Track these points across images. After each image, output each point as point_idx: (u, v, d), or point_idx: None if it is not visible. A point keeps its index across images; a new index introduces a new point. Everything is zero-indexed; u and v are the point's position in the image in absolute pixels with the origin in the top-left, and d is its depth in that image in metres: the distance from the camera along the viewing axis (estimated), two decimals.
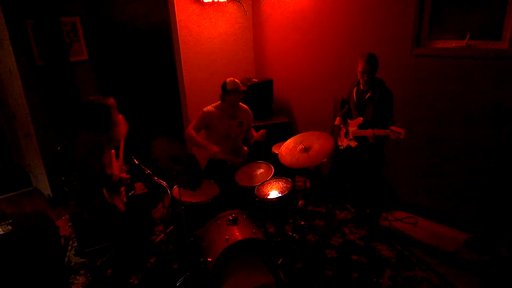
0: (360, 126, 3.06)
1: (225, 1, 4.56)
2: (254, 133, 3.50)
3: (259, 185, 2.99)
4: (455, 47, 3.19)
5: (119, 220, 2.59)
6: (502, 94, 2.96)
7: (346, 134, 3.23)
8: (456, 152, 3.33)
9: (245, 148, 3.62)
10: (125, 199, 2.62)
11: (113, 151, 2.56)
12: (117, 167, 2.55)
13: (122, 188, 2.64)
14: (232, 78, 3.28)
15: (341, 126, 3.28)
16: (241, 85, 3.29)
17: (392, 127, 2.81)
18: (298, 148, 2.95)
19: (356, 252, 3.21)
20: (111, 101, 2.46)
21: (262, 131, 3.38)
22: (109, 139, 2.44)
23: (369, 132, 2.94)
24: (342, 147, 3.28)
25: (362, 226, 3.55)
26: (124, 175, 2.55)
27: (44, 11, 3.40)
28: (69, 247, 3.42)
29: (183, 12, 4.31)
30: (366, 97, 3.06)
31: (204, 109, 3.34)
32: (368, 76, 2.98)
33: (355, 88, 3.17)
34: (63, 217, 3.90)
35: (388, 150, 3.22)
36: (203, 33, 4.55)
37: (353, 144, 3.13)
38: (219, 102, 3.34)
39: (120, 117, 2.52)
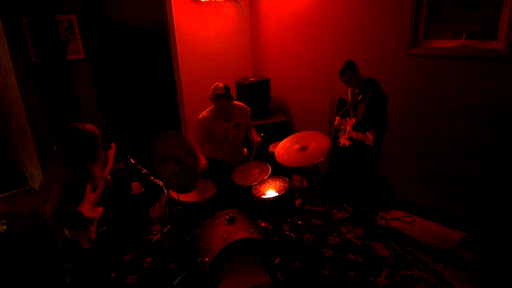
0: (353, 127, 3.08)
1: (222, 0, 4.55)
2: (255, 137, 3.42)
3: (256, 185, 2.99)
4: (451, 46, 3.20)
5: (81, 258, 2.37)
6: (498, 93, 2.98)
7: (344, 132, 3.24)
8: (452, 151, 3.34)
9: (245, 149, 3.61)
10: (93, 235, 2.38)
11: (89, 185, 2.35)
12: (90, 200, 2.36)
13: (94, 217, 2.41)
14: (215, 84, 3.22)
15: (340, 125, 3.29)
16: (217, 91, 3.18)
17: (368, 133, 2.82)
18: (294, 147, 2.96)
19: (353, 251, 3.21)
20: (97, 131, 2.32)
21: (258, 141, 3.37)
22: (86, 171, 2.26)
23: (354, 135, 2.99)
24: (341, 144, 3.30)
25: (359, 225, 3.56)
26: (93, 214, 2.34)
27: (41, 9, 3.38)
28: None
29: (180, 11, 4.30)
30: (358, 98, 3.07)
31: (200, 116, 3.33)
32: (349, 82, 3.05)
33: (350, 89, 3.19)
34: None
35: (385, 149, 3.23)
36: (200, 32, 4.54)
37: (347, 143, 3.15)
38: (213, 105, 3.33)
39: (101, 153, 2.38)
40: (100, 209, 2.44)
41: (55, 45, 3.52)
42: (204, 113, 3.34)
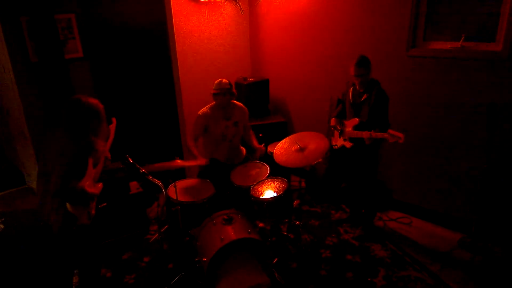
0: (356, 127, 3.06)
1: (221, 0, 4.55)
2: (255, 143, 3.44)
3: (255, 185, 2.99)
4: (450, 48, 3.21)
5: (81, 235, 2.33)
6: (496, 95, 2.99)
7: (341, 134, 3.23)
8: (450, 152, 3.35)
9: (243, 148, 3.61)
10: (93, 211, 2.35)
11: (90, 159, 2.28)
12: (91, 175, 2.29)
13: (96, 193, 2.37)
14: (219, 80, 3.23)
15: (337, 126, 3.28)
16: (225, 85, 3.19)
17: (391, 131, 2.80)
18: (293, 148, 2.96)
19: (351, 252, 3.22)
20: (101, 105, 2.28)
21: (262, 146, 3.38)
22: (89, 147, 2.20)
23: (365, 134, 2.95)
24: (336, 146, 3.29)
25: (356, 226, 3.56)
26: (94, 190, 2.29)
27: (39, 7, 3.37)
28: None
29: (179, 10, 4.30)
30: (363, 98, 3.06)
31: (199, 112, 3.32)
32: (362, 78, 2.99)
33: (351, 88, 3.18)
34: None
35: (383, 150, 3.24)
36: (200, 32, 4.54)
37: (348, 144, 3.15)
38: (214, 102, 3.33)
39: (104, 128, 2.35)
40: (100, 185, 2.40)
41: (53, 44, 3.51)
42: (203, 109, 3.33)
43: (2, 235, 2.58)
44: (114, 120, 2.67)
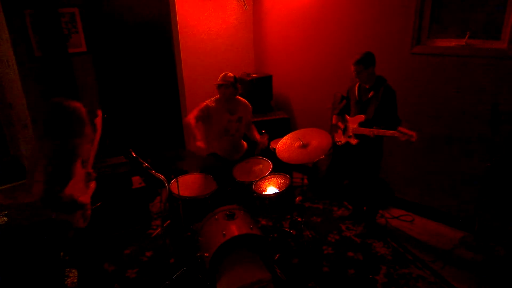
0: (361, 124, 3.05)
1: None
2: (257, 136, 3.46)
3: (257, 181, 2.99)
4: (454, 46, 3.19)
5: (79, 237, 2.32)
6: (500, 93, 2.97)
7: (345, 130, 3.22)
8: (453, 150, 3.34)
9: (244, 143, 3.61)
10: (88, 212, 2.32)
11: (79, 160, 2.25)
12: (82, 177, 2.25)
13: (87, 200, 2.30)
14: (224, 72, 3.27)
15: (339, 123, 3.27)
16: (227, 78, 3.23)
17: (401, 129, 2.78)
18: (296, 144, 2.96)
19: (353, 249, 3.22)
20: (83, 108, 2.21)
21: (264, 138, 3.38)
22: (72, 149, 2.13)
23: (368, 132, 2.94)
24: (340, 143, 3.28)
25: (358, 223, 3.56)
26: (83, 198, 2.24)
27: (43, 1, 3.37)
28: None
29: (183, 5, 4.29)
30: (369, 95, 3.04)
31: (204, 102, 3.34)
32: (360, 75, 2.98)
33: (357, 85, 3.15)
34: None
35: (386, 148, 3.22)
36: (203, 28, 4.52)
37: (354, 141, 3.12)
38: (218, 96, 3.34)
39: (88, 130, 2.26)
40: (93, 185, 2.38)
41: (57, 37, 3.51)
42: (208, 101, 3.36)
43: (6, 227, 2.59)
44: (99, 113, 2.56)
